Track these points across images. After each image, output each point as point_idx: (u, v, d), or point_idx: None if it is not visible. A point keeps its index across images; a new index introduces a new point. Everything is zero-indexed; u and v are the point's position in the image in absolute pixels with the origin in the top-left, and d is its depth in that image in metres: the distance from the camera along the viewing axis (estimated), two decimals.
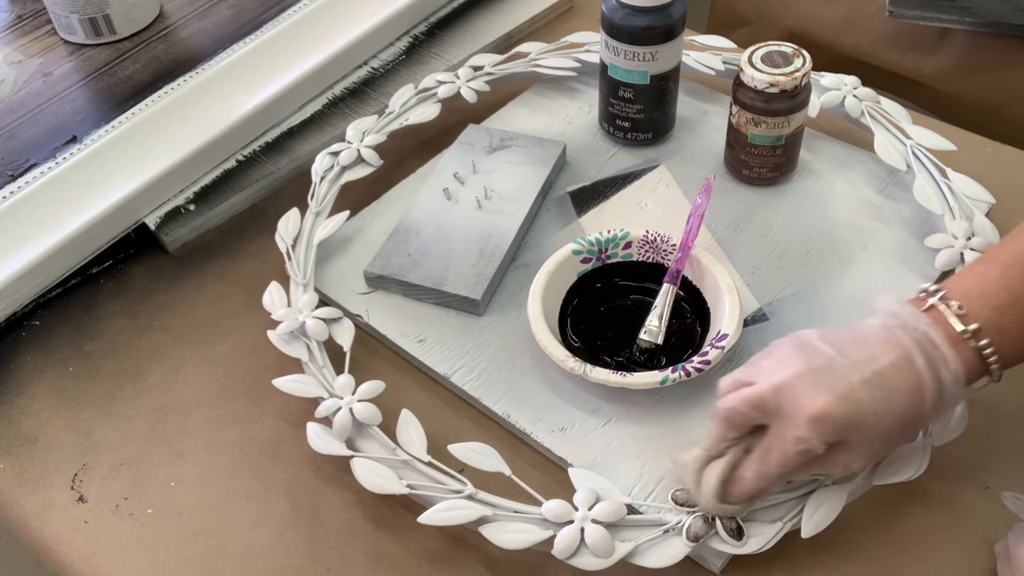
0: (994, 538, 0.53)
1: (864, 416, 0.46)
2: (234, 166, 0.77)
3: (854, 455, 0.47)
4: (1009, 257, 0.49)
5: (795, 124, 0.70)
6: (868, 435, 0.46)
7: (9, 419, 0.63)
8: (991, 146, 0.77)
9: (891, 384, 0.46)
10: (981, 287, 0.48)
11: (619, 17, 0.70)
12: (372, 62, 0.86)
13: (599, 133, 0.79)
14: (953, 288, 0.49)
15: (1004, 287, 0.48)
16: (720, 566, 0.53)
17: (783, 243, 0.69)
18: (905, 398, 0.46)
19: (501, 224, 0.70)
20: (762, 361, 0.49)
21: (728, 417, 0.48)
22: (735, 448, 0.49)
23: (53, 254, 0.68)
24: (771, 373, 0.47)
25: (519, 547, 0.51)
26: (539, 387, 0.61)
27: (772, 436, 0.48)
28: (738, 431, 0.49)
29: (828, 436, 0.46)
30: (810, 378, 0.46)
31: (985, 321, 0.47)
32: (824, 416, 0.45)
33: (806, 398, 0.46)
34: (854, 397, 0.45)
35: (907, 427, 0.48)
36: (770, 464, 0.47)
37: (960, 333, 0.47)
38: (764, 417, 0.48)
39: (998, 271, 0.48)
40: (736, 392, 0.48)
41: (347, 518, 0.57)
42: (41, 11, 0.91)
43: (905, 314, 0.48)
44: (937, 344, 0.46)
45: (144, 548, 0.56)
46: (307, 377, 0.60)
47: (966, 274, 0.50)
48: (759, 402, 0.47)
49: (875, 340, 0.47)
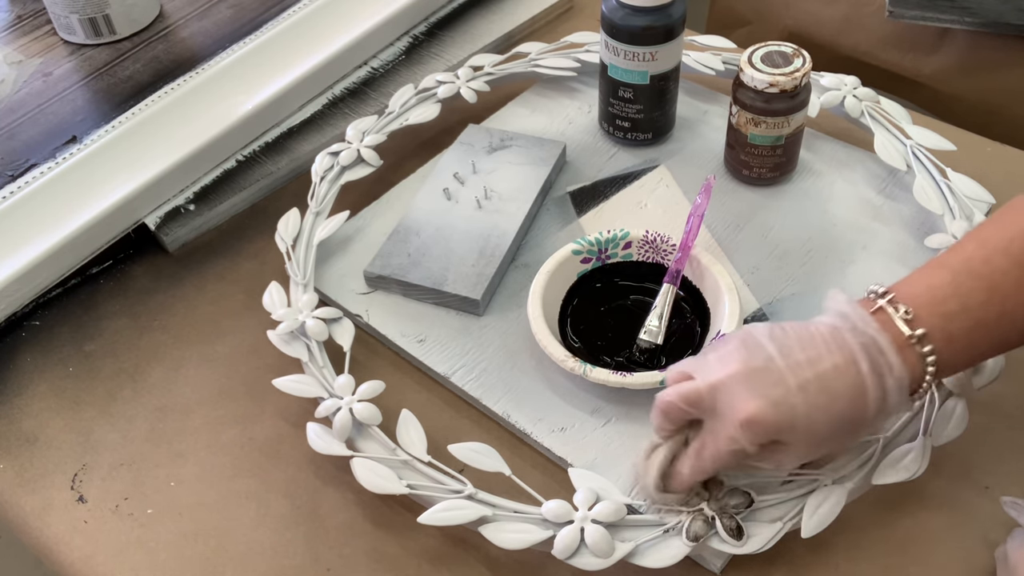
0: (994, 538, 0.53)
1: (797, 420, 0.46)
2: (234, 166, 0.77)
3: (787, 454, 0.48)
4: (960, 264, 0.48)
5: (795, 124, 0.70)
6: (801, 438, 0.46)
7: (9, 419, 0.63)
8: (991, 146, 0.77)
9: (831, 388, 0.46)
10: (931, 292, 0.47)
11: (619, 17, 0.70)
12: (372, 62, 0.86)
13: (599, 133, 0.79)
14: (903, 292, 0.48)
15: (953, 294, 0.47)
16: (720, 566, 0.53)
17: (783, 243, 0.69)
18: (846, 403, 0.46)
19: (501, 224, 0.70)
20: (708, 354, 0.49)
21: (665, 410, 0.49)
22: (674, 439, 0.51)
23: (53, 254, 0.68)
24: (710, 370, 0.48)
25: (519, 547, 0.51)
26: (539, 387, 0.61)
27: (706, 433, 0.49)
28: (674, 424, 0.50)
29: (759, 439, 0.46)
30: (746, 379, 0.46)
31: (933, 328, 0.47)
32: (754, 420, 0.45)
33: (739, 400, 0.46)
34: (788, 402, 0.45)
35: (846, 431, 0.48)
36: (704, 460, 0.49)
37: (907, 338, 0.47)
38: (700, 413, 0.49)
39: (949, 277, 0.48)
40: (675, 386, 0.49)
41: (347, 518, 0.57)
42: (41, 11, 0.91)
43: (854, 316, 0.47)
44: (883, 350, 0.46)
45: (144, 548, 0.56)
46: (307, 377, 0.60)
47: (917, 278, 0.49)
48: (695, 399, 0.48)
49: (821, 340, 0.47)
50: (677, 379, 0.50)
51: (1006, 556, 0.50)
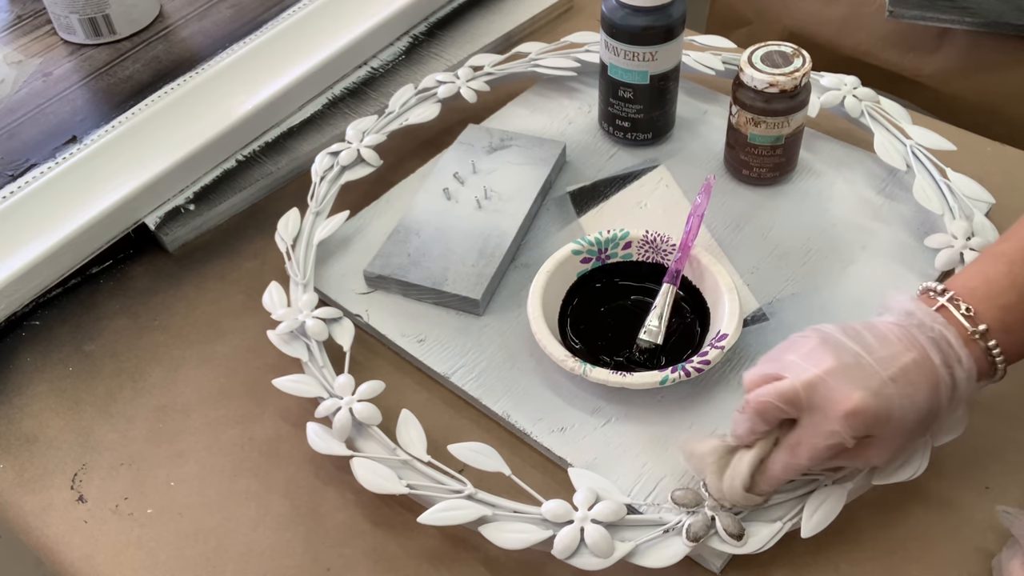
0: (993, 539, 0.53)
1: (892, 411, 0.47)
2: (234, 166, 0.77)
3: (878, 449, 0.49)
4: (1014, 254, 0.50)
5: (795, 124, 0.70)
6: (893, 430, 0.48)
7: (9, 419, 0.63)
8: (991, 146, 0.77)
9: (913, 381, 0.47)
10: (988, 286, 0.49)
11: (619, 17, 0.70)
12: (372, 62, 0.86)
13: (599, 133, 0.79)
14: (960, 288, 0.50)
15: (1011, 286, 0.49)
16: (720, 566, 0.53)
17: (783, 243, 0.69)
18: (926, 395, 0.47)
19: (501, 224, 0.70)
20: (786, 355, 0.50)
21: (761, 411, 0.49)
22: (764, 440, 0.50)
23: (53, 254, 0.68)
24: (801, 369, 0.48)
25: (519, 547, 0.51)
26: (539, 387, 0.61)
27: (802, 430, 0.49)
28: (769, 424, 0.50)
29: (859, 431, 0.47)
30: (842, 374, 0.47)
31: (992, 321, 0.48)
32: (858, 411, 0.46)
33: (839, 394, 0.47)
34: (884, 393, 0.47)
35: (925, 422, 0.49)
36: (799, 457, 0.49)
37: (970, 334, 0.48)
38: (795, 411, 0.49)
39: (1004, 269, 0.50)
40: (768, 386, 0.49)
41: (347, 518, 0.57)
42: (41, 11, 0.91)
43: (920, 313, 0.49)
44: (952, 343, 0.48)
45: (144, 548, 0.56)
46: (307, 377, 0.60)
47: (972, 272, 0.51)
48: (792, 397, 0.48)
49: (895, 338, 0.48)
50: (760, 381, 0.50)
51: (1000, 566, 0.50)
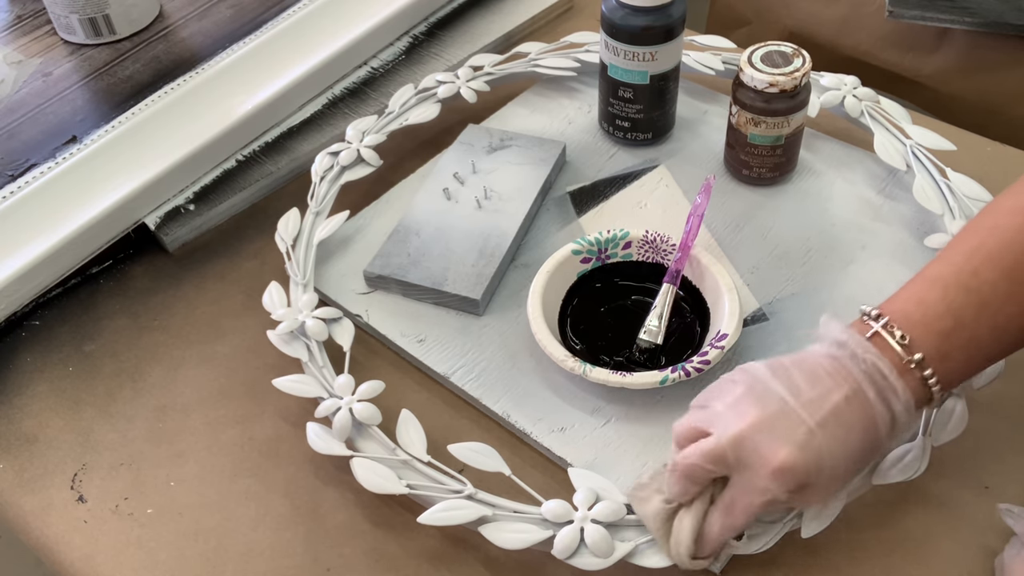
0: (994, 539, 0.53)
1: (823, 460, 0.45)
2: (234, 166, 0.77)
3: (813, 494, 0.47)
4: (949, 277, 0.47)
5: (795, 124, 0.70)
6: (827, 476, 0.46)
7: (9, 419, 0.63)
8: (991, 146, 0.77)
9: (846, 421, 0.45)
10: (923, 311, 0.47)
11: (619, 17, 0.70)
12: (372, 62, 0.86)
13: (599, 133, 0.79)
14: (896, 312, 0.47)
15: (946, 311, 0.47)
16: (720, 566, 0.53)
17: (783, 243, 0.69)
18: (860, 434, 0.46)
19: (501, 224, 0.70)
20: (714, 403, 0.48)
21: (689, 474, 0.48)
22: (699, 501, 0.49)
23: (53, 254, 0.68)
24: (727, 423, 0.46)
25: (519, 547, 0.51)
26: (539, 387, 0.61)
27: (735, 489, 0.47)
28: (699, 485, 0.48)
29: (790, 485, 0.45)
30: (767, 427, 0.45)
31: (929, 348, 0.46)
32: (786, 468, 0.45)
33: (766, 450, 0.45)
34: (812, 444, 0.45)
35: (864, 460, 0.48)
36: (736, 517, 0.47)
37: (906, 363, 0.46)
38: (725, 470, 0.47)
39: (940, 293, 0.47)
40: (694, 446, 0.47)
41: (347, 518, 0.57)
42: (41, 11, 0.91)
43: (852, 343, 0.47)
44: (886, 375, 0.46)
45: (144, 548, 0.56)
46: (307, 377, 0.60)
47: (907, 296, 0.48)
48: (719, 456, 0.46)
49: (825, 373, 0.46)
50: (688, 435, 0.48)
51: (1003, 565, 0.50)
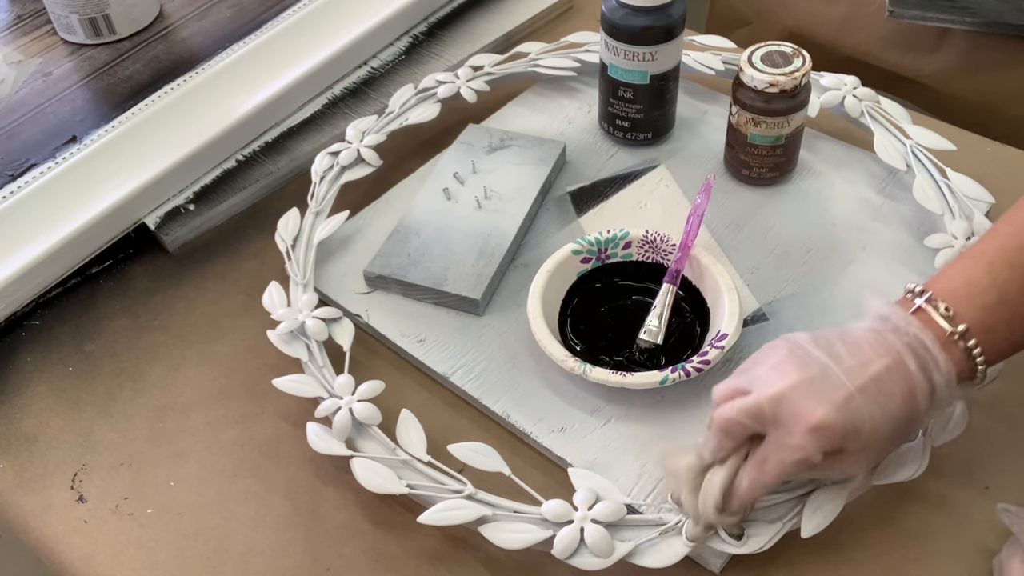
0: (993, 539, 0.53)
1: (861, 424, 0.45)
2: (234, 166, 0.77)
3: (851, 461, 0.47)
4: (994, 254, 0.48)
5: (795, 124, 0.70)
6: (864, 441, 0.46)
7: (9, 419, 0.63)
8: (991, 146, 0.77)
9: (886, 389, 0.46)
10: (968, 286, 0.48)
11: (619, 17, 0.70)
12: (372, 62, 0.86)
13: (599, 133, 0.79)
14: (940, 288, 0.48)
15: (991, 285, 0.47)
16: (720, 566, 0.53)
17: (783, 243, 0.69)
18: (900, 403, 0.46)
19: (501, 224, 0.70)
20: (756, 368, 0.49)
21: (726, 428, 0.48)
22: (734, 457, 0.49)
23: (53, 254, 0.68)
24: (767, 383, 0.47)
25: (519, 547, 0.51)
26: (539, 387, 0.61)
27: (769, 445, 0.47)
28: (735, 441, 0.49)
29: (826, 445, 0.46)
30: (807, 387, 0.46)
31: (973, 321, 0.47)
32: (823, 426, 0.45)
33: (804, 408, 0.45)
34: (851, 406, 0.45)
35: (903, 431, 0.48)
36: (766, 473, 0.47)
37: (949, 335, 0.47)
38: (761, 427, 0.47)
39: (984, 269, 0.48)
40: (733, 402, 0.48)
41: (347, 518, 0.57)
42: (41, 11, 0.92)
43: (895, 317, 0.47)
44: (928, 347, 0.46)
45: (144, 548, 0.56)
46: (307, 377, 0.60)
47: (952, 272, 0.49)
48: (757, 412, 0.47)
49: (867, 344, 0.47)
50: (728, 395, 0.49)
51: (1001, 565, 0.50)
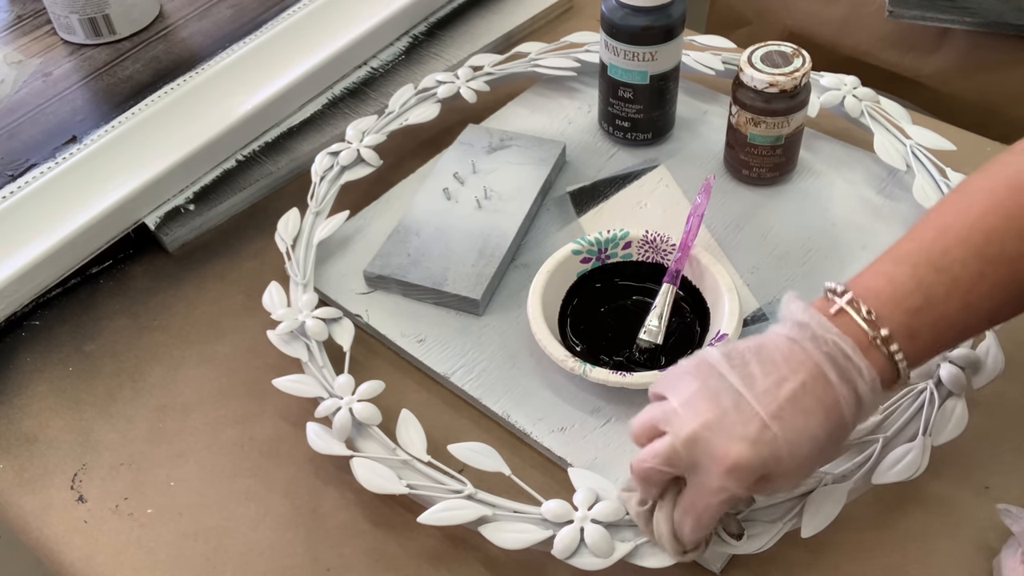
0: (993, 539, 0.53)
1: (780, 451, 0.43)
2: (234, 166, 0.77)
3: (777, 483, 0.45)
4: (919, 256, 0.46)
5: (795, 124, 0.70)
6: (787, 466, 0.44)
7: (9, 419, 0.63)
8: (991, 146, 0.77)
9: (805, 407, 0.43)
10: (892, 288, 0.45)
11: (619, 17, 0.70)
12: (372, 62, 0.86)
13: (599, 133, 0.79)
14: (862, 289, 0.46)
15: (916, 288, 0.45)
16: (720, 566, 0.53)
17: (783, 243, 0.69)
18: (822, 418, 0.44)
19: (501, 224, 0.70)
20: (671, 397, 0.46)
21: (645, 477, 0.47)
22: (667, 497, 0.48)
23: (53, 254, 0.68)
24: (680, 422, 0.45)
25: (519, 547, 0.51)
26: (539, 387, 0.61)
27: (693, 491, 0.46)
28: (658, 487, 0.48)
29: (747, 481, 0.44)
30: (719, 425, 0.44)
31: (897, 325, 0.45)
32: (739, 466, 0.43)
33: (718, 449, 0.43)
34: (766, 438, 0.43)
35: (830, 445, 0.45)
36: (700, 518, 0.46)
37: (871, 339, 0.44)
38: (680, 470, 0.46)
39: (909, 271, 0.46)
40: (648, 449, 0.46)
41: (347, 518, 0.57)
42: (41, 11, 0.91)
43: (813, 324, 0.45)
44: (849, 355, 0.44)
45: (144, 548, 0.56)
46: (307, 377, 0.60)
47: (874, 273, 0.47)
48: (673, 458, 0.45)
49: (783, 358, 0.44)
50: (646, 432, 0.47)
51: (1000, 565, 0.50)
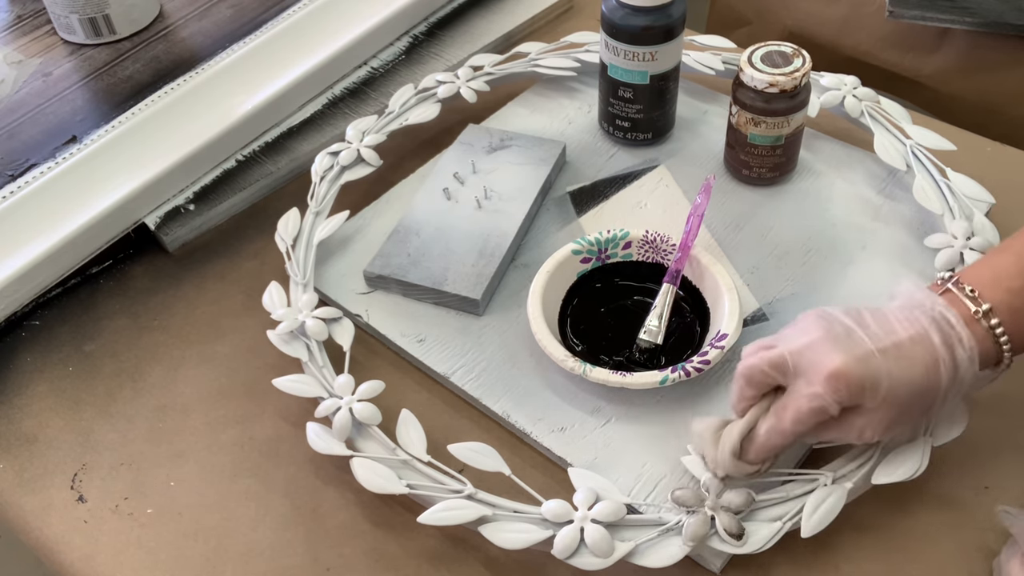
0: (994, 538, 0.53)
1: (879, 380, 0.47)
2: (234, 166, 0.77)
3: (868, 421, 0.49)
4: (1021, 246, 0.51)
5: (795, 124, 0.70)
6: (881, 401, 0.48)
7: (9, 419, 0.63)
8: (991, 146, 0.77)
9: (908, 355, 0.48)
10: (994, 272, 0.51)
11: (619, 17, 0.70)
12: (372, 62, 0.86)
13: (599, 133, 0.79)
14: (967, 274, 0.51)
15: (1018, 272, 0.50)
16: (720, 566, 0.53)
17: (783, 243, 0.69)
18: (921, 370, 0.48)
19: (501, 224, 0.70)
20: (785, 330, 0.51)
21: (748, 375, 0.50)
22: (754, 408, 0.51)
23: (53, 254, 0.68)
24: (792, 338, 0.50)
25: (519, 547, 0.51)
26: (539, 387, 0.61)
27: (789, 395, 0.49)
28: (757, 389, 0.51)
29: (843, 395, 0.47)
30: (830, 342, 0.48)
31: (998, 302, 0.49)
32: (840, 374, 0.47)
33: (824, 357, 0.47)
34: (871, 361, 0.47)
35: (922, 401, 0.49)
36: (784, 420, 0.49)
37: (973, 313, 0.49)
38: (783, 377, 0.49)
39: (1012, 259, 0.51)
40: (758, 353, 0.50)
41: (347, 518, 0.57)
42: (41, 11, 0.92)
43: (922, 296, 0.50)
44: (952, 323, 0.49)
45: (144, 548, 0.56)
46: (307, 377, 0.60)
47: (981, 262, 0.53)
48: (779, 362, 0.49)
49: (894, 318, 0.49)
50: (754, 351, 0.51)
51: (1000, 567, 0.50)
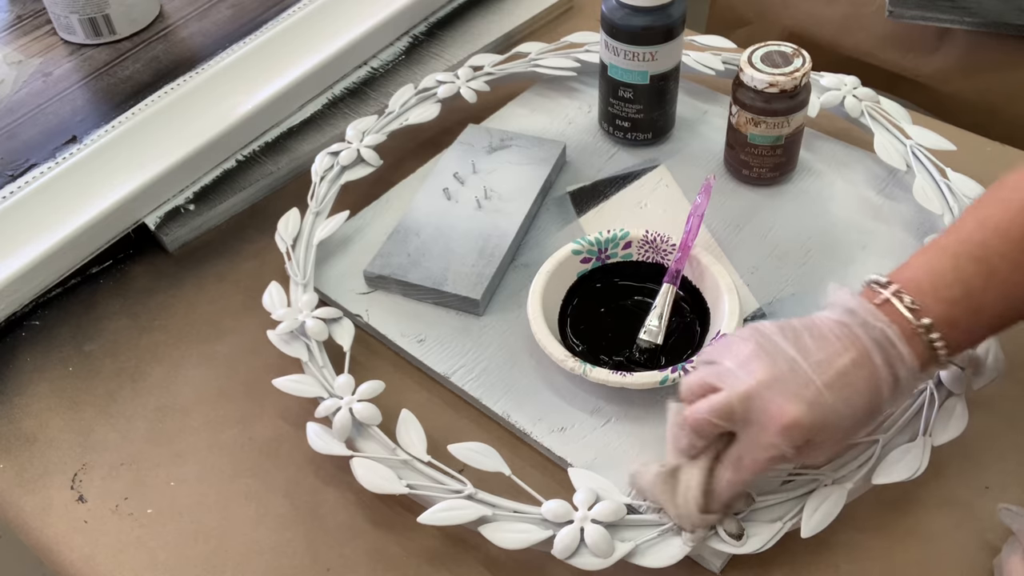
0: (994, 539, 0.53)
1: (828, 418, 0.46)
2: (234, 166, 0.77)
3: (818, 451, 0.48)
4: (959, 247, 0.49)
5: (795, 124, 0.70)
6: (831, 434, 0.47)
7: (9, 419, 0.63)
8: (991, 146, 0.77)
9: (852, 383, 0.46)
10: (933, 279, 0.48)
11: (619, 17, 0.70)
12: (372, 62, 0.86)
13: (599, 133, 0.79)
14: (906, 281, 0.49)
15: (956, 280, 0.48)
16: (720, 566, 0.53)
17: (783, 243, 0.69)
18: (866, 396, 0.47)
19: (501, 224, 0.70)
20: (724, 361, 0.49)
21: (697, 428, 0.48)
22: (704, 456, 0.49)
23: (53, 254, 0.68)
24: (736, 380, 0.47)
25: (519, 547, 0.51)
26: (539, 387, 0.61)
27: (742, 445, 0.48)
28: (706, 440, 0.49)
29: (797, 442, 0.46)
30: (777, 385, 0.46)
31: (938, 315, 0.48)
32: (795, 425, 0.46)
33: (775, 407, 0.46)
34: (820, 402, 0.46)
35: (866, 420, 0.49)
36: (743, 472, 0.48)
37: (914, 328, 0.47)
38: (732, 426, 0.48)
39: (950, 263, 0.49)
40: (704, 402, 0.48)
41: (347, 518, 0.57)
42: (41, 11, 0.92)
43: (862, 311, 0.48)
44: (894, 342, 0.47)
45: (144, 548, 0.56)
46: (307, 377, 0.60)
47: (917, 264, 0.50)
48: (728, 412, 0.47)
49: (834, 337, 0.47)
50: (696, 391, 0.49)
51: (1001, 565, 0.50)
